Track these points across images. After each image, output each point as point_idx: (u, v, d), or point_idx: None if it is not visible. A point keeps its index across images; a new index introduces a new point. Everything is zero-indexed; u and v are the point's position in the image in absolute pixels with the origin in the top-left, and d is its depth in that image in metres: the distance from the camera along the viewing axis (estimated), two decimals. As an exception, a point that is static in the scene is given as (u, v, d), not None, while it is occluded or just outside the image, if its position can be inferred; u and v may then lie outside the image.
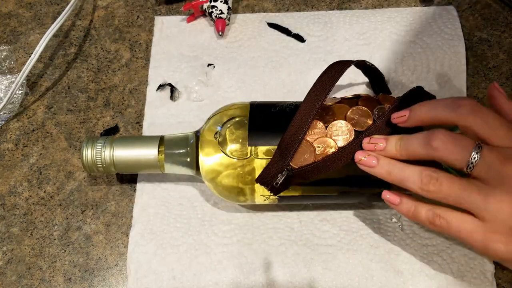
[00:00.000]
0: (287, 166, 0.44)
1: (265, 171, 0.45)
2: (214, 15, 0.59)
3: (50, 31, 0.57)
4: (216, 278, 0.49)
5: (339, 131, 0.45)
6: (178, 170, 0.50)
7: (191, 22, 0.62)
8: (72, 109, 0.59)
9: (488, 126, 0.40)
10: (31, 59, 0.56)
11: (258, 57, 0.59)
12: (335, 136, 0.45)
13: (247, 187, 0.47)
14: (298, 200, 0.49)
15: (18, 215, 0.54)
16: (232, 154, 0.46)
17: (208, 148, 0.47)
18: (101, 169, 0.49)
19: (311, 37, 0.60)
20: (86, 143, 0.49)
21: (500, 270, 0.48)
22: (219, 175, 0.47)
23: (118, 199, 0.54)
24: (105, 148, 0.49)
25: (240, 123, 0.47)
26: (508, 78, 0.56)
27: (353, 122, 0.45)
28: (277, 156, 0.44)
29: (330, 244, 0.50)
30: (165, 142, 0.49)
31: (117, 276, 0.51)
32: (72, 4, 0.59)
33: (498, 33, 0.58)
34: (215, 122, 0.48)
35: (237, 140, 0.46)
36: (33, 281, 0.51)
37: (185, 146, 0.49)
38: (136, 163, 0.49)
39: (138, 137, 0.51)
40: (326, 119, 0.45)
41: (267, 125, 0.46)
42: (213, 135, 0.47)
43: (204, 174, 0.48)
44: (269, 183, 0.44)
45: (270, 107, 0.48)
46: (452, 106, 0.41)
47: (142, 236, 0.52)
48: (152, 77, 0.59)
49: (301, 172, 0.44)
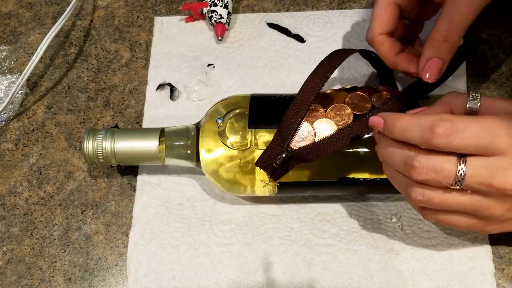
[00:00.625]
0: (286, 148, 0.44)
1: (264, 153, 0.45)
2: (214, 19, 0.59)
3: (51, 32, 0.57)
4: (216, 278, 0.49)
5: (339, 114, 0.45)
6: (179, 162, 0.50)
7: (191, 23, 0.62)
8: (72, 109, 0.59)
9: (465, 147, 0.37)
10: (33, 60, 0.56)
11: (258, 57, 0.59)
12: (334, 119, 0.45)
13: (247, 176, 0.47)
14: (298, 188, 0.49)
15: (18, 215, 0.54)
16: (233, 145, 0.47)
17: (208, 139, 0.47)
18: (102, 160, 0.49)
19: (311, 37, 0.60)
20: (87, 135, 0.49)
21: (500, 270, 0.48)
22: (220, 166, 0.47)
23: (118, 199, 0.54)
24: (106, 139, 0.49)
25: (240, 114, 0.48)
26: (508, 78, 0.56)
27: (352, 106, 0.46)
28: (277, 138, 0.45)
29: (330, 244, 0.50)
30: (166, 134, 0.49)
31: (117, 276, 0.51)
32: (73, 5, 0.59)
33: (498, 33, 0.58)
34: (215, 113, 0.48)
35: (237, 132, 0.47)
36: (33, 281, 0.51)
37: (185, 138, 0.49)
38: (137, 154, 0.49)
39: (139, 129, 0.52)
40: (325, 104, 0.46)
41: (267, 111, 0.47)
42: (213, 127, 0.47)
43: (204, 165, 0.48)
44: (268, 166, 0.44)
45: (270, 97, 0.49)
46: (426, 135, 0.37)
47: (142, 236, 0.52)
48: (151, 77, 0.59)
49: (300, 154, 0.44)
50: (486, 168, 0.36)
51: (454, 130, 0.36)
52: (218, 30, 0.60)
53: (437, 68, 0.43)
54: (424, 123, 0.37)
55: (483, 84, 0.56)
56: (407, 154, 0.38)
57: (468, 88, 0.56)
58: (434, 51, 0.43)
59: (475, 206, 0.39)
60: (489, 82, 0.56)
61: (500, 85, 0.56)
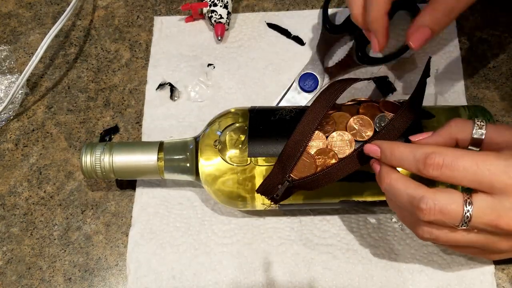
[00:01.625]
0: (287, 178, 0.44)
1: (265, 182, 0.45)
2: (214, 19, 0.59)
3: (52, 31, 0.57)
4: (216, 278, 0.49)
5: (340, 141, 0.45)
6: (178, 176, 0.50)
7: (191, 22, 0.62)
8: (72, 109, 0.59)
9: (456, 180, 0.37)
10: (33, 60, 0.56)
11: (259, 59, 0.59)
12: (335, 147, 0.45)
13: (247, 194, 0.47)
14: (299, 206, 0.50)
15: (18, 215, 0.54)
16: (232, 160, 0.46)
17: (207, 153, 0.47)
18: (100, 176, 0.49)
19: (311, 39, 0.60)
20: (84, 150, 0.49)
21: (500, 270, 0.48)
22: (219, 180, 0.47)
23: (118, 199, 0.54)
24: (104, 155, 0.48)
25: (239, 129, 0.47)
26: (508, 78, 0.56)
27: (354, 132, 0.45)
28: (278, 167, 0.44)
29: (330, 244, 0.50)
30: (165, 148, 0.49)
31: (117, 276, 0.51)
32: (73, 5, 0.59)
33: (498, 33, 0.58)
34: (214, 128, 0.48)
35: (237, 147, 0.46)
36: (33, 281, 0.51)
37: (184, 152, 0.49)
38: (135, 169, 0.49)
39: (137, 143, 0.51)
40: (327, 129, 0.45)
41: (267, 136, 0.46)
42: (212, 141, 0.47)
43: (204, 179, 0.48)
44: (269, 194, 0.45)
45: (269, 115, 0.47)
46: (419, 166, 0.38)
47: (141, 236, 0.52)
48: (151, 76, 0.59)
49: (301, 183, 0.44)
50: (491, 209, 0.37)
51: (444, 164, 0.37)
52: (218, 30, 0.59)
53: (424, 37, 0.45)
54: (418, 155, 0.38)
55: (483, 84, 0.56)
56: (413, 194, 0.38)
57: (468, 88, 0.56)
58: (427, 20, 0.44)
59: (482, 243, 0.39)
60: (489, 82, 0.56)
61: (500, 85, 0.56)
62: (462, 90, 0.55)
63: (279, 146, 0.45)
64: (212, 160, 0.47)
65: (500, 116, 0.54)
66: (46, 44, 0.57)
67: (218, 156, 0.47)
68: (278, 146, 0.45)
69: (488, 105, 0.55)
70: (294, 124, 0.45)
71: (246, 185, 0.46)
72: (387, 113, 0.46)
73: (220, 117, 0.49)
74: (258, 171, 0.46)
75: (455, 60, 0.57)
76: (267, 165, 0.46)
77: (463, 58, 0.57)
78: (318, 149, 0.45)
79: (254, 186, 0.46)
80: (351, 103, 0.48)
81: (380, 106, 0.47)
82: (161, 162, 0.49)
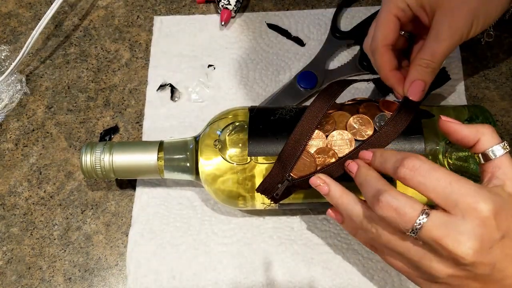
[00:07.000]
0: (287, 177, 0.44)
1: (265, 181, 0.45)
2: (221, 4, 0.60)
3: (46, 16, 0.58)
4: (216, 278, 0.49)
5: (339, 140, 0.45)
6: (178, 175, 0.50)
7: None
8: (72, 109, 0.59)
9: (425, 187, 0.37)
10: (24, 50, 0.58)
11: (259, 59, 0.59)
12: (335, 146, 0.45)
13: (247, 193, 0.47)
14: (299, 206, 0.50)
15: (18, 215, 0.54)
16: (232, 159, 0.46)
17: (207, 153, 0.47)
18: (100, 175, 0.49)
19: (311, 40, 0.60)
20: (84, 150, 0.49)
21: (500, 270, 0.48)
22: (219, 180, 0.47)
23: (118, 199, 0.54)
24: (104, 155, 0.48)
25: (239, 128, 0.47)
26: (508, 78, 0.56)
27: (354, 132, 0.45)
28: (278, 166, 0.44)
29: (330, 244, 0.50)
30: (165, 148, 0.49)
31: (117, 276, 0.51)
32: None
33: (498, 33, 0.58)
34: (214, 128, 0.48)
35: (237, 145, 0.46)
36: (33, 281, 0.51)
37: (184, 151, 0.49)
38: (135, 169, 0.49)
39: (137, 143, 0.51)
40: (327, 128, 0.45)
41: (267, 135, 0.46)
42: (212, 141, 0.47)
43: (203, 179, 0.48)
44: (269, 193, 0.45)
45: (269, 114, 0.47)
46: (396, 164, 0.38)
47: (141, 236, 0.52)
48: (152, 77, 0.59)
49: (301, 182, 0.44)
50: (444, 227, 0.36)
51: (421, 168, 0.37)
52: (223, 15, 0.60)
53: (420, 89, 0.46)
54: (400, 157, 0.38)
55: (483, 84, 0.56)
56: (380, 188, 0.38)
57: (468, 88, 0.56)
58: (418, 74, 0.46)
59: (419, 256, 0.38)
60: (489, 82, 0.56)
61: (500, 85, 0.56)
62: (462, 90, 0.55)
63: (279, 145, 0.45)
64: (212, 159, 0.47)
65: (500, 116, 0.54)
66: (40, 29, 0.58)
67: (218, 156, 0.47)
68: (278, 145, 0.45)
69: (488, 105, 0.55)
70: (294, 124, 0.45)
71: (246, 184, 0.46)
72: (387, 112, 0.46)
73: (220, 116, 0.49)
74: (258, 170, 0.46)
75: (455, 60, 0.57)
76: (267, 163, 0.46)
77: (463, 58, 0.57)
78: (318, 148, 0.45)
79: (254, 185, 0.46)
80: (351, 102, 0.48)
81: (380, 105, 0.47)
82: (161, 161, 0.49)
